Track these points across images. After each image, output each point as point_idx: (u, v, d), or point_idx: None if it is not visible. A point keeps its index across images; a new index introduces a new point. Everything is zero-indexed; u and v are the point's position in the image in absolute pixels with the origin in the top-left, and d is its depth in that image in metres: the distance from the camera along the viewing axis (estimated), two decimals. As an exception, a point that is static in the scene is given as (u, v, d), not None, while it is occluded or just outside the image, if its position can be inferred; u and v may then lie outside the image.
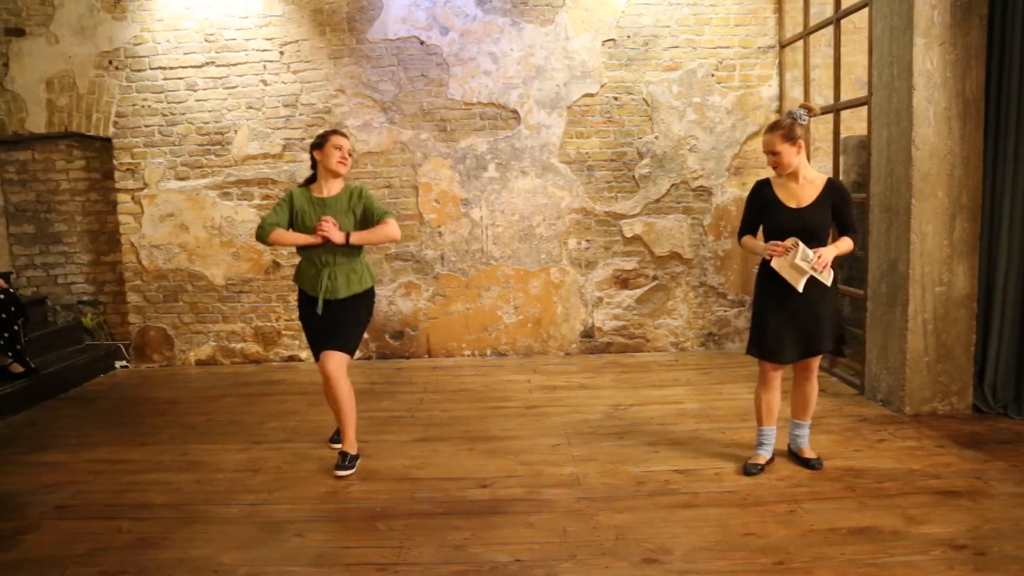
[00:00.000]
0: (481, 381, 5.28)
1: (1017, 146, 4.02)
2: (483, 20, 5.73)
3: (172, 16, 5.72)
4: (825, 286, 3.27)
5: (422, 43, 5.75)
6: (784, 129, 3.23)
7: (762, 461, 3.49)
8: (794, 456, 3.56)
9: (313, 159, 3.64)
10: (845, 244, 3.32)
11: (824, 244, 3.28)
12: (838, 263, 3.42)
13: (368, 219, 3.60)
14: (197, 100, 5.81)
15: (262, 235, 3.56)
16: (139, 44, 5.76)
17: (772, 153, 3.26)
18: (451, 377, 5.43)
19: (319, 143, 3.60)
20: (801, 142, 3.27)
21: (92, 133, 5.86)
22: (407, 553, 2.77)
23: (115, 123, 5.84)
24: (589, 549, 2.76)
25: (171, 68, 5.78)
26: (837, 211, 3.30)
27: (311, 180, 3.71)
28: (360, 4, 5.70)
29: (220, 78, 5.79)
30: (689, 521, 2.97)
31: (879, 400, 4.43)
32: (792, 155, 3.24)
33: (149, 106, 5.82)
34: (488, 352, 6.04)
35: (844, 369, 5.03)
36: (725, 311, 5.98)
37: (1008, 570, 2.53)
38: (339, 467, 3.57)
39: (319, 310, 3.54)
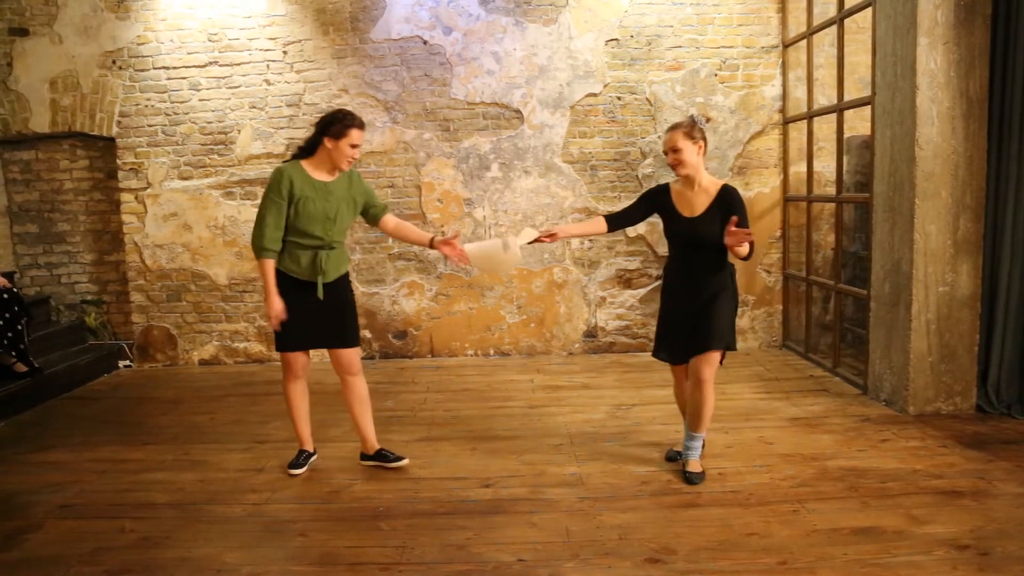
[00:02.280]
0: (484, 381, 5.28)
1: (1021, 146, 4.01)
2: (486, 20, 5.73)
3: (175, 16, 5.73)
4: (719, 290, 3.21)
5: (425, 43, 5.76)
6: (685, 127, 3.19)
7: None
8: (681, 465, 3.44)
9: (318, 139, 3.32)
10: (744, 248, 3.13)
11: (717, 253, 3.22)
12: (839, 264, 3.40)
13: (368, 209, 3.53)
14: (200, 100, 5.82)
15: (257, 252, 3.31)
16: (142, 44, 5.77)
17: (673, 150, 3.19)
18: (454, 377, 5.43)
19: (337, 132, 3.25)
20: (702, 144, 3.21)
21: (96, 133, 5.87)
22: (410, 553, 2.77)
23: (119, 123, 5.85)
24: (592, 549, 2.76)
25: (174, 68, 5.79)
26: (728, 219, 3.14)
27: (306, 154, 3.37)
28: (363, 4, 5.70)
29: (223, 78, 5.79)
30: (692, 521, 2.97)
31: (882, 400, 4.42)
32: (693, 154, 3.18)
33: (152, 106, 5.83)
34: (491, 352, 6.04)
35: (847, 369, 5.02)
36: (728, 311, 5.97)
37: (1012, 570, 2.53)
38: (395, 459, 3.61)
39: (320, 295, 3.36)
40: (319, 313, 3.41)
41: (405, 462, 3.61)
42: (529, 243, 3.38)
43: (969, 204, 4.07)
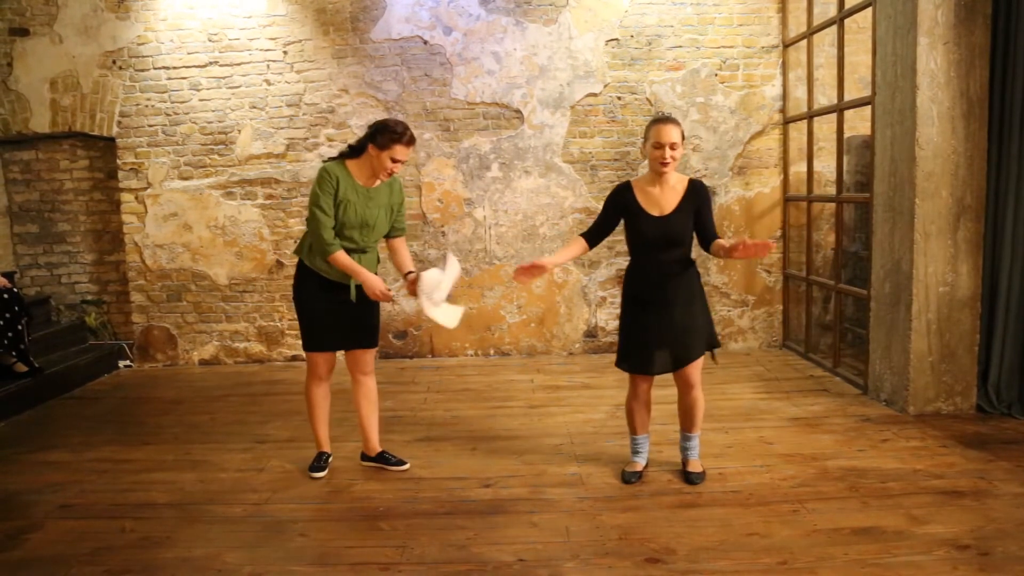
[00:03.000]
0: (484, 381, 5.28)
1: (1021, 145, 4.01)
2: (486, 20, 5.73)
3: (176, 16, 5.73)
4: (691, 292, 3.14)
5: (425, 43, 5.76)
6: (679, 125, 3.09)
7: (639, 468, 3.42)
8: (680, 468, 3.44)
9: (365, 144, 3.27)
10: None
11: (686, 252, 3.16)
12: (839, 264, 3.39)
13: (392, 222, 3.51)
14: (201, 100, 5.82)
15: (325, 252, 3.26)
16: (143, 44, 5.77)
17: (672, 147, 3.04)
18: (454, 377, 5.43)
19: (382, 143, 3.18)
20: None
21: (96, 133, 5.87)
22: (410, 552, 2.77)
23: (119, 123, 5.85)
24: (592, 549, 2.76)
25: (175, 68, 5.79)
26: (698, 215, 3.10)
27: (353, 154, 3.32)
28: (363, 4, 5.70)
29: (224, 78, 5.79)
30: (692, 521, 2.97)
31: (883, 400, 4.42)
32: (680, 154, 3.10)
33: (153, 106, 5.83)
34: (491, 352, 6.04)
35: (847, 369, 5.02)
36: (728, 311, 5.97)
37: (1012, 570, 2.53)
38: (397, 463, 3.61)
39: (353, 298, 3.36)
40: (347, 314, 3.42)
41: (407, 466, 3.61)
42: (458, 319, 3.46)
43: (969, 204, 4.07)
